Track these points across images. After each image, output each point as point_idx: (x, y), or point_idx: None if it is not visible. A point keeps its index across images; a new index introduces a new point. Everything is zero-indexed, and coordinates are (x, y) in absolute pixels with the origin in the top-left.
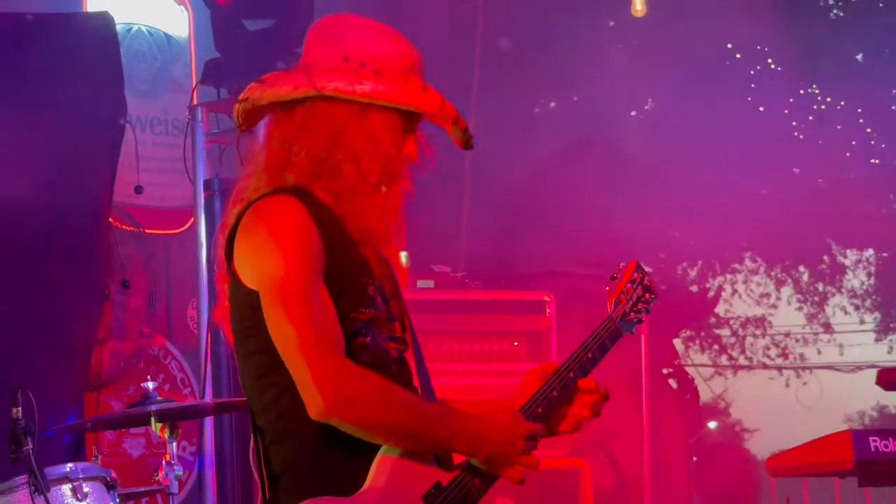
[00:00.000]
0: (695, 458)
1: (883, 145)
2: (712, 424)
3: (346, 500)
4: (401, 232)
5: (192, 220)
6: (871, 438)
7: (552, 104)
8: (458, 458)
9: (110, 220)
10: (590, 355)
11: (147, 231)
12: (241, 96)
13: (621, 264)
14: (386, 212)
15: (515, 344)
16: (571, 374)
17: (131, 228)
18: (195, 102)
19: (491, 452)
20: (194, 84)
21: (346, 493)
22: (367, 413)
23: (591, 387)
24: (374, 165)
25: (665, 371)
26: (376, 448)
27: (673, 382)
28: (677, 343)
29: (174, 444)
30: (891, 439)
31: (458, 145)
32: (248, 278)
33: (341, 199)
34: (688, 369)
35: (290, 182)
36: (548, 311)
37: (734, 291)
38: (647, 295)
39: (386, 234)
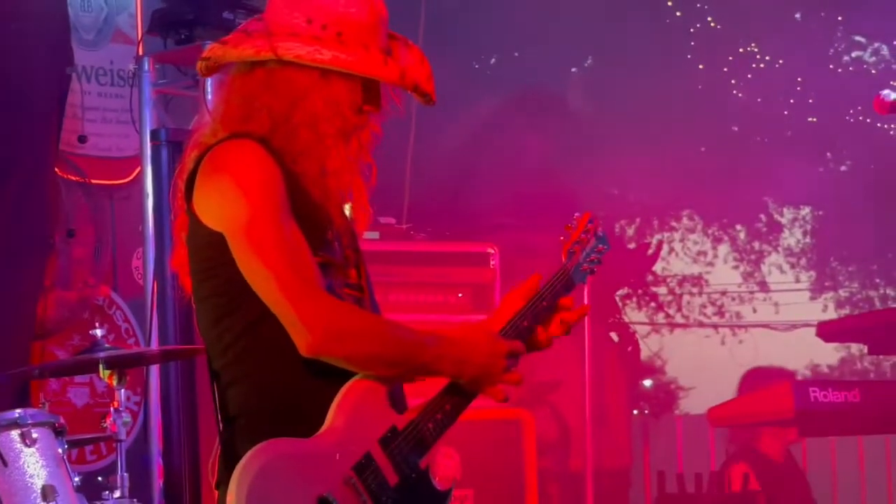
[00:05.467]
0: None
1: (820, 104)
2: (647, 382)
3: (302, 441)
4: (360, 187)
5: (138, 170)
6: (810, 389)
7: (492, 60)
8: (412, 402)
9: (56, 169)
10: (544, 304)
11: (93, 181)
12: (203, 54)
13: (576, 214)
14: (343, 169)
15: (460, 295)
16: (525, 323)
17: (77, 178)
18: (141, 53)
19: (476, 373)
20: (140, 34)
21: (302, 435)
22: (358, 346)
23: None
24: (331, 129)
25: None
26: (333, 391)
27: (614, 335)
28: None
29: (122, 391)
30: (830, 390)
31: (420, 103)
32: (212, 221)
33: (297, 159)
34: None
35: (249, 131)
36: (492, 262)
37: (671, 250)
38: (599, 246)
39: (344, 190)
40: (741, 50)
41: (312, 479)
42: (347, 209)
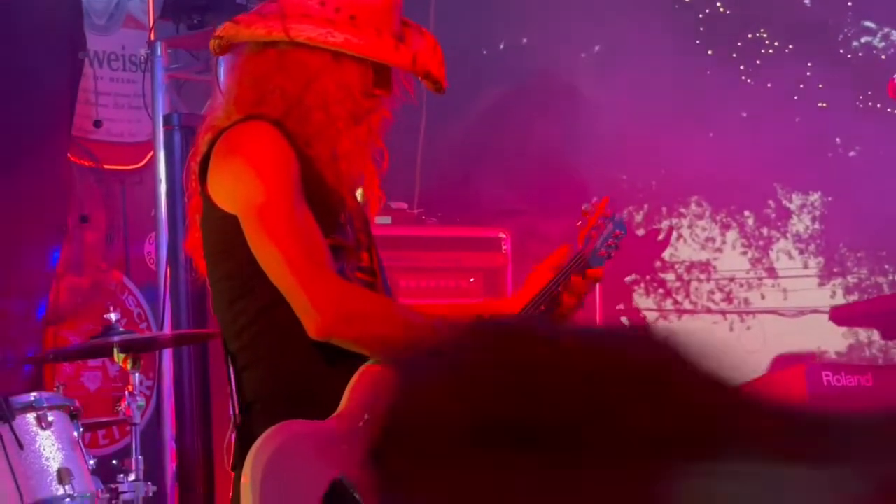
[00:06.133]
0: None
1: (829, 89)
2: None
3: (317, 423)
4: (372, 171)
5: (151, 154)
6: (823, 373)
7: (501, 46)
8: None
9: (69, 154)
10: (560, 289)
11: (105, 166)
12: (216, 33)
13: (593, 199)
14: (354, 152)
15: (471, 280)
16: (542, 308)
17: (89, 164)
18: (153, 38)
19: None
20: (152, 19)
21: (319, 417)
22: (367, 328)
23: (585, 281)
24: (342, 112)
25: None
26: (348, 376)
27: (625, 320)
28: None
29: (136, 375)
30: (843, 374)
31: (430, 90)
32: (225, 203)
33: (310, 142)
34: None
35: (263, 113)
36: (503, 247)
37: (679, 236)
38: (617, 231)
39: (356, 174)
40: (750, 36)
41: (327, 461)
42: (359, 194)
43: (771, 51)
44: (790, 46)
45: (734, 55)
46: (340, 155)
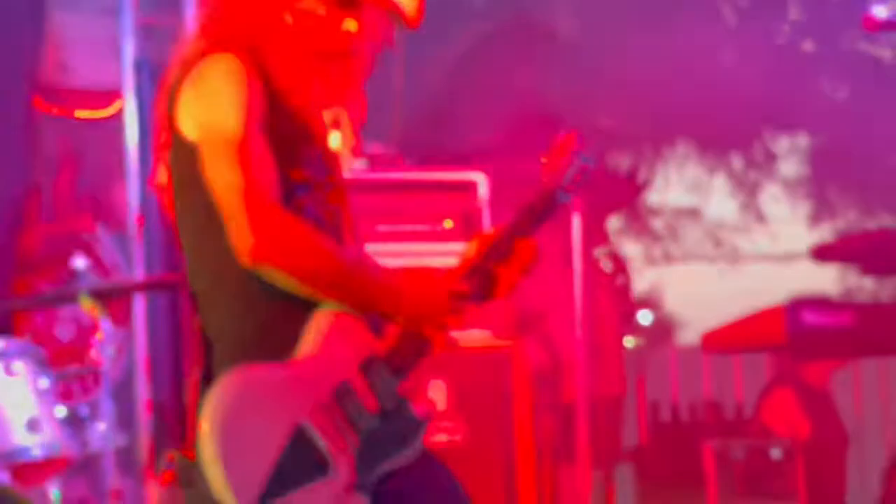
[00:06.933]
0: None
1: (815, 30)
2: (645, 318)
3: (279, 366)
4: (347, 110)
5: (121, 101)
6: (804, 312)
7: None
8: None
9: (36, 100)
10: (525, 226)
11: (75, 113)
12: None
13: (561, 134)
14: (327, 88)
15: (447, 223)
16: (506, 245)
17: (58, 111)
18: None
19: (414, 310)
20: None
21: (280, 359)
22: (298, 261)
23: (527, 247)
24: (312, 46)
25: (598, 251)
26: (311, 314)
27: (605, 264)
28: (611, 233)
29: (107, 324)
30: (824, 312)
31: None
32: (189, 132)
33: (280, 76)
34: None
35: (232, 47)
36: (480, 190)
37: (666, 181)
38: (584, 164)
39: (328, 109)
40: None
41: (289, 405)
42: (336, 137)
43: None
44: None
45: None
46: (311, 90)
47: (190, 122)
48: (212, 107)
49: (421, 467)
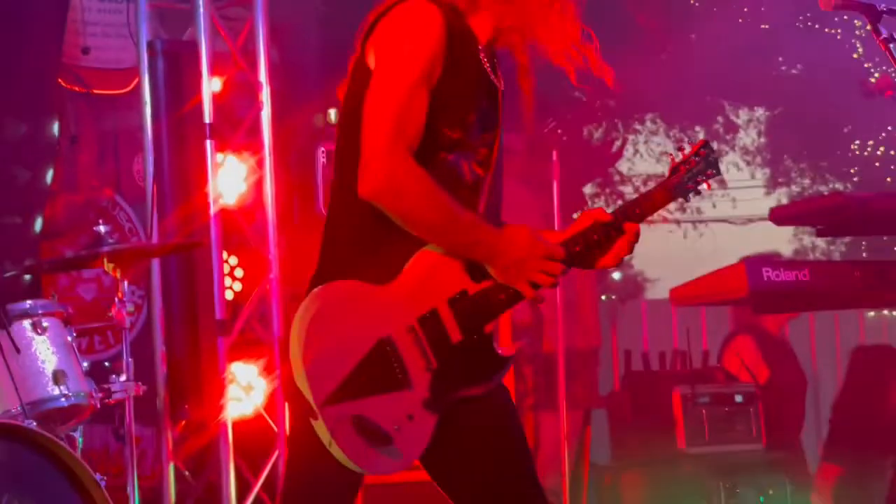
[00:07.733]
0: None
1: (771, 11)
2: (616, 275)
3: (373, 286)
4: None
5: (137, 80)
6: (763, 269)
7: None
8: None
9: (59, 80)
10: (637, 211)
11: (95, 91)
12: None
13: (693, 139)
14: (561, 20)
15: None
16: (616, 227)
17: (80, 89)
18: None
19: (505, 264)
20: None
21: (379, 282)
22: (413, 209)
23: (634, 230)
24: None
25: (575, 215)
26: (417, 248)
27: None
28: (586, 197)
29: (125, 284)
30: (781, 269)
31: None
32: (371, 60)
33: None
34: None
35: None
36: None
37: (636, 151)
38: (709, 170)
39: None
40: None
41: (375, 321)
42: (333, 115)
43: None
44: None
45: None
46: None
47: (374, 52)
48: (397, 47)
49: (494, 405)
